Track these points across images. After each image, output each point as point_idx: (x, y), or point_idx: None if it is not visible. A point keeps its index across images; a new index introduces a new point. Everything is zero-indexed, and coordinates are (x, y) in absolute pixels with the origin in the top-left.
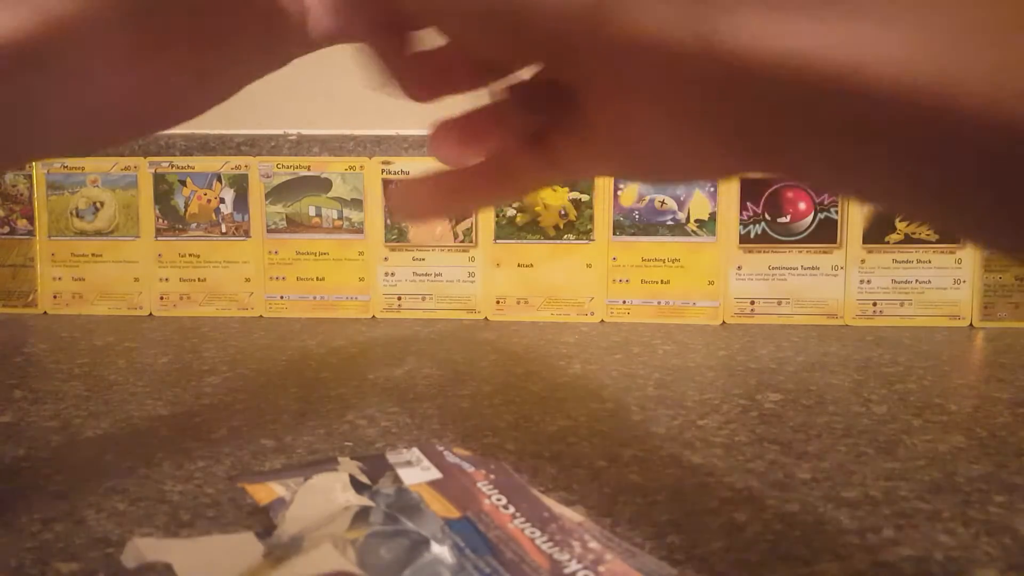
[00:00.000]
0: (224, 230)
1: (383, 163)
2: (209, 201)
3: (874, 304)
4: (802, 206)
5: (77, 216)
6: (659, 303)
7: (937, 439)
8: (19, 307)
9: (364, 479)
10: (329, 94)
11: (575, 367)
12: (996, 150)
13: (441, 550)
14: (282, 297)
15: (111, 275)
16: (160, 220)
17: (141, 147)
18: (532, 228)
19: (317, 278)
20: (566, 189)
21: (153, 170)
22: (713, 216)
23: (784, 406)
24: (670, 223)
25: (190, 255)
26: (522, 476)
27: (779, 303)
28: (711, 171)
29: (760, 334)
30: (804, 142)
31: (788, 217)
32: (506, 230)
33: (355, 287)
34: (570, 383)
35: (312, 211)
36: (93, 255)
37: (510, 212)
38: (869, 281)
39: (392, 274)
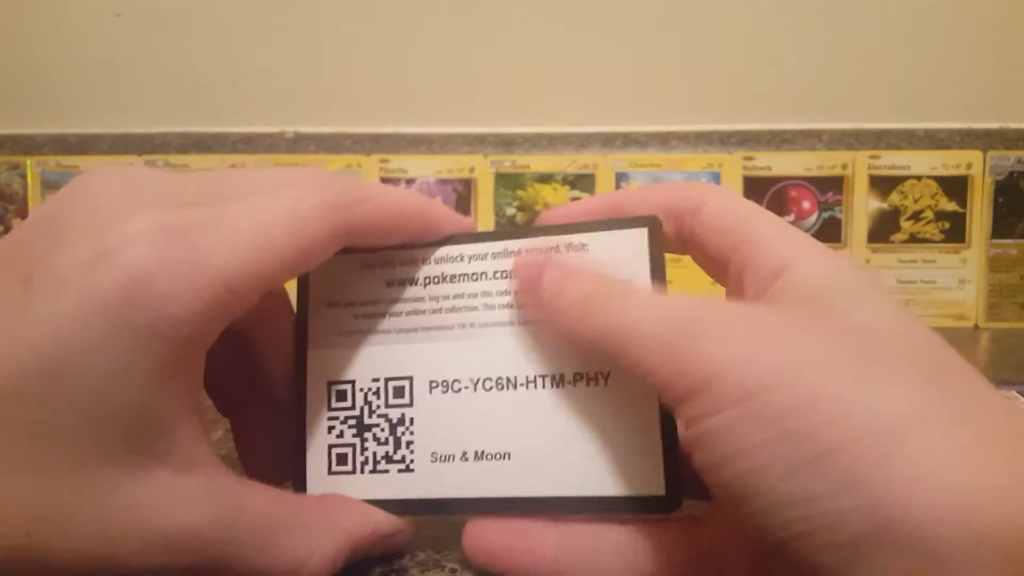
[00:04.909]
0: None
1: (381, 161)
2: None
3: None
4: (806, 205)
5: None
6: None
7: None
8: None
9: None
10: (326, 91)
11: None
12: None
13: None
14: None
15: None
16: None
17: (136, 145)
18: None
19: None
20: (566, 188)
21: None
22: None
23: None
24: None
25: None
26: None
27: None
28: None
29: None
30: None
31: (792, 216)
32: None
33: None
34: None
35: None
36: None
37: (510, 212)
38: None
39: None
